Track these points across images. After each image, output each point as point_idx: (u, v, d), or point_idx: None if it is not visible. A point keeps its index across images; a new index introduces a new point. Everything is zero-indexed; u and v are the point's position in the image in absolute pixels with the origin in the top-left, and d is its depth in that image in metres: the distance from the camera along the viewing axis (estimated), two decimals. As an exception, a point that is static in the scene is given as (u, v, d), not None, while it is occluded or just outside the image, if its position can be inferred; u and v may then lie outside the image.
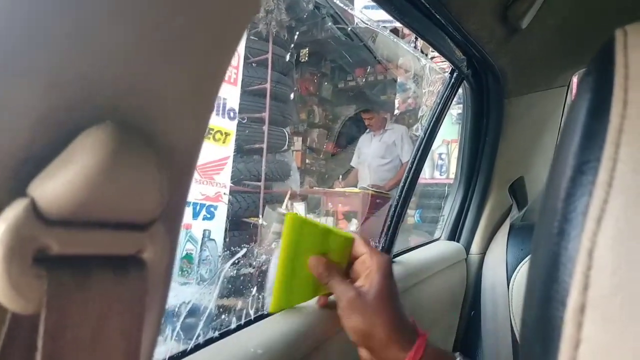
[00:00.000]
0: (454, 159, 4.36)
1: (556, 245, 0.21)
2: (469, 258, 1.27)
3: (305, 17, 4.36)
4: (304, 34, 4.62)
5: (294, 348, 0.55)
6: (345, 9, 4.09)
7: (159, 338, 0.28)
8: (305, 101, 6.17)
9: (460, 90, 1.15)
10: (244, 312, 0.60)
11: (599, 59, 0.23)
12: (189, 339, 0.51)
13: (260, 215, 3.66)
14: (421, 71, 4.43)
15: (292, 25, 4.17)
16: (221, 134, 3.22)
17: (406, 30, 3.87)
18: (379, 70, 5.92)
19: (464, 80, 1.12)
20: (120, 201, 0.22)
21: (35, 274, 0.19)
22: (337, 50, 5.51)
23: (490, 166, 1.23)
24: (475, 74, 1.11)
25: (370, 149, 3.99)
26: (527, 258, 1.17)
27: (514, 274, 1.17)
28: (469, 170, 1.27)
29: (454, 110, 3.41)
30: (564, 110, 1.29)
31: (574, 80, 1.27)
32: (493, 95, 1.16)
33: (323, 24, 4.85)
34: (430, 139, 1.07)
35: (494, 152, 1.22)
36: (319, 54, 5.87)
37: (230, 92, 3.31)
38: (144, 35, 0.23)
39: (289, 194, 3.48)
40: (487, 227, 1.28)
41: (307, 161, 6.06)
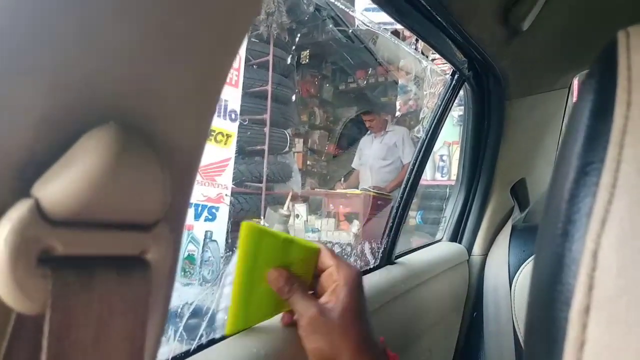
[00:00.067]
0: (455, 161, 4.35)
1: (560, 247, 0.21)
2: (470, 259, 1.27)
3: (306, 19, 4.37)
4: (304, 36, 4.63)
5: None
6: (346, 11, 4.10)
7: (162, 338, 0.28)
8: (306, 103, 6.17)
9: (461, 92, 1.15)
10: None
11: (602, 60, 0.23)
12: (191, 340, 0.51)
13: (261, 217, 3.66)
14: (422, 73, 4.43)
15: (293, 27, 4.17)
16: (223, 135, 3.22)
17: (407, 32, 3.87)
18: (380, 72, 5.92)
19: (465, 82, 1.12)
20: (124, 202, 0.22)
21: (40, 275, 0.19)
22: (338, 52, 5.51)
23: (491, 168, 1.23)
24: (476, 76, 1.11)
25: (371, 150, 3.99)
26: (530, 259, 1.17)
27: (516, 275, 1.17)
28: (470, 171, 1.27)
29: (456, 112, 3.41)
30: (565, 112, 1.29)
31: (575, 82, 1.27)
32: (494, 97, 1.16)
33: (324, 26, 4.85)
34: (431, 141, 1.07)
35: (495, 154, 1.22)
36: (320, 56, 5.87)
37: (231, 94, 3.31)
38: (147, 35, 0.23)
39: (290, 195, 3.48)
40: (489, 229, 1.28)
41: (308, 163, 6.05)
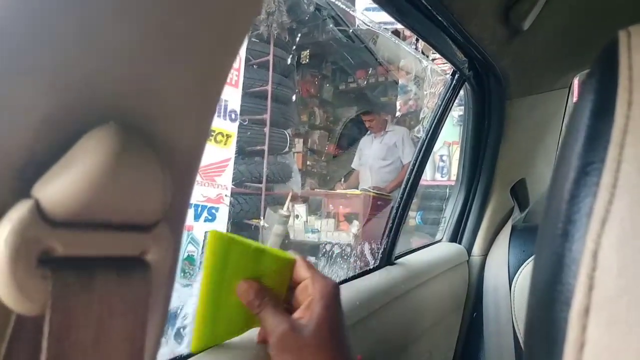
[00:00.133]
0: (455, 161, 4.35)
1: (560, 247, 0.21)
2: (470, 260, 1.27)
3: (306, 19, 4.37)
4: (305, 35, 4.63)
5: None
6: (346, 10, 4.10)
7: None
8: (306, 103, 6.17)
9: (461, 92, 1.15)
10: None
11: (603, 60, 0.23)
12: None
13: (261, 217, 3.66)
14: (422, 73, 4.43)
15: (294, 27, 4.17)
16: (222, 135, 3.22)
17: (407, 32, 3.87)
18: (380, 72, 5.92)
19: (466, 82, 1.12)
20: (124, 202, 0.22)
21: (40, 276, 0.19)
22: (338, 52, 5.51)
23: (491, 168, 1.23)
24: (476, 76, 1.11)
25: (371, 150, 3.99)
26: (529, 260, 1.17)
27: (516, 275, 1.17)
28: (470, 172, 1.27)
29: (456, 112, 3.41)
30: (565, 112, 1.29)
31: (575, 82, 1.27)
32: (495, 97, 1.16)
33: (324, 25, 4.85)
34: (431, 141, 1.07)
35: (495, 154, 1.22)
36: (320, 56, 5.86)
37: (231, 94, 3.31)
38: (148, 36, 0.23)
39: (290, 195, 3.47)
40: (489, 229, 1.28)
41: (308, 163, 6.05)
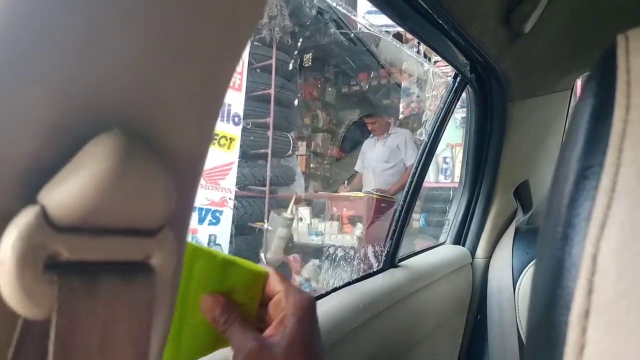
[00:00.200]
0: (458, 163, 4.35)
1: (560, 251, 0.21)
2: (474, 262, 1.27)
3: (308, 23, 4.38)
4: (307, 39, 4.64)
5: None
6: (348, 14, 4.11)
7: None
8: (309, 106, 6.17)
9: (464, 94, 1.15)
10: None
11: (601, 64, 0.23)
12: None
13: (265, 220, 3.66)
14: (424, 76, 4.43)
15: (296, 30, 4.18)
16: (226, 139, 3.23)
17: (409, 35, 3.88)
18: (382, 75, 5.92)
19: (468, 85, 1.12)
20: (129, 208, 0.22)
21: (46, 280, 0.19)
22: (341, 55, 5.52)
23: (494, 170, 1.23)
24: (478, 78, 1.11)
25: (374, 153, 3.99)
26: (533, 262, 1.17)
27: (520, 277, 1.17)
28: (473, 173, 1.27)
29: (458, 114, 3.41)
30: (567, 114, 1.29)
31: (578, 83, 1.26)
32: (496, 99, 1.16)
33: (326, 29, 4.86)
34: (434, 143, 1.07)
35: (498, 156, 1.22)
36: (322, 59, 5.87)
37: (234, 98, 3.32)
38: (151, 42, 0.23)
39: (294, 198, 3.47)
40: (493, 231, 1.28)
41: (312, 166, 6.05)
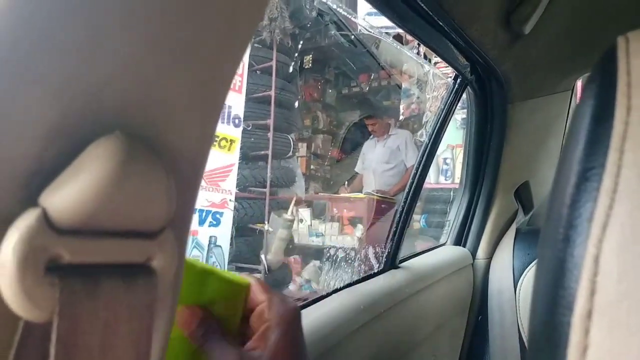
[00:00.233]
0: (458, 164, 4.35)
1: (562, 252, 0.21)
2: (475, 263, 1.27)
3: (308, 25, 4.38)
4: (307, 41, 4.64)
5: None
6: (348, 16, 4.11)
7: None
8: (309, 107, 6.18)
9: (464, 95, 1.15)
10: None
11: (601, 65, 0.23)
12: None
13: (266, 222, 3.66)
14: (425, 77, 4.43)
15: (296, 32, 4.19)
16: (226, 141, 3.23)
17: (409, 36, 3.88)
18: (382, 77, 5.93)
19: (468, 86, 1.12)
20: (130, 210, 0.22)
21: (47, 283, 0.19)
22: (341, 56, 5.53)
23: (495, 171, 1.23)
24: (478, 80, 1.11)
25: (374, 154, 3.99)
26: (534, 263, 1.17)
27: (521, 278, 1.17)
28: (474, 175, 1.27)
29: (459, 115, 3.41)
30: (568, 115, 1.29)
31: (579, 84, 1.27)
32: (497, 100, 1.16)
33: (326, 31, 4.87)
34: (435, 144, 1.07)
35: (498, 157, 1.22)
36: (322, 61, 5.88)
37: (235, 100, 3.32)
38: (152, 44, 0.23)
39: (294, 200, 3.48)
40: (493, 232, 1.28)
41: (312, 167, 6.05)
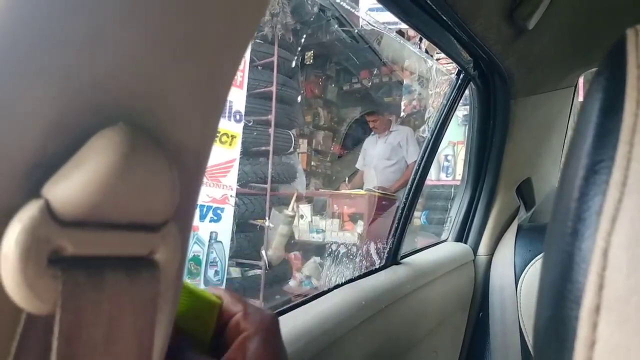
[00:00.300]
0: (460, 161, 4.34)
1: (570, 245, 0.21)
2: (476, 259, 1.27)
3: (310, 20, 4.37)
4: (309, 36, 4.63)
5: None
6: (350, 11, 4.10)
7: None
8: (310, 103, 6.16)
9: (466, 91, 1.14)
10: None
11: (611, 58, 0.23)
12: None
13: (266, 218, 3.66)
14: (427, 73, 4.42)
15: (298, 28, 4.17)
16: (227, 136, 3.23)
17: (411, 32, 3.86)
18: (384, 72, 5.91)
19: (471, 82, 1.12)
20: (133, 202, 0.22)
21: (50, 275, 0.19)
22: (343, 52, 5.51)
23: (497, 167, 1.23)
24: (481, 75, 1.11)
25: (375, 150, 3.99)
26: (535, 259, 1.17)
27: (522, 275, 1.17)
28: (476, 171, 1.27)
29: (460, 111, 3.40)
30: (571, 111, 1.28)
31: (581, 80, 1.26)
32: (500, 96, 1.15)
33: (328, 26, 4.85)
34: (436, 141, 1.07)
35: (500, 153, 1.21)
36: (324, 57, 5.86)
37: (236, 96, 3.31)
38: (155, 38, 0.23)
39: (295, 196, 3.48)
40: (495, 229, 1.28)
41: (313, 163, 6.04)
